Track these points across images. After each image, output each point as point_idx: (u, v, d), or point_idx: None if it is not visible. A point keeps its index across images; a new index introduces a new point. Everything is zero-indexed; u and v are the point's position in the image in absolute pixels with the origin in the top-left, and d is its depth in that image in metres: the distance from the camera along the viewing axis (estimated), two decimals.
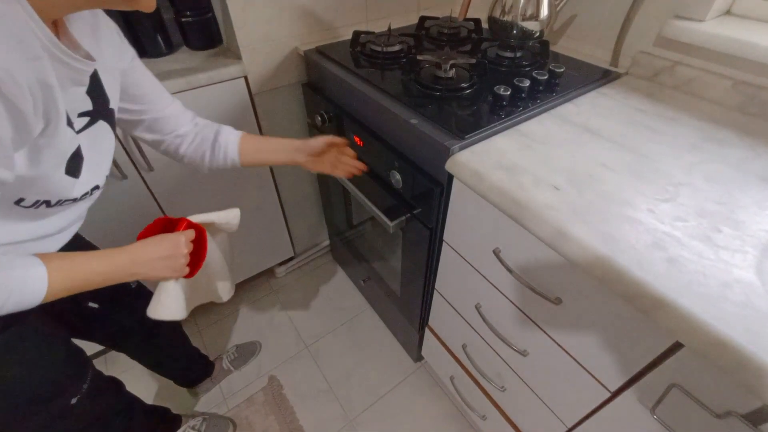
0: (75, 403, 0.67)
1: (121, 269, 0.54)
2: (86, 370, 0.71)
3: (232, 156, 0.75)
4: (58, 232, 0.59)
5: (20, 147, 0.41)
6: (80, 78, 0.48)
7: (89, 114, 0.53)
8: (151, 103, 0.67)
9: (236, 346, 1.31)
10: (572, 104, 0.79)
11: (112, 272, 0.54)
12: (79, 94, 0.50)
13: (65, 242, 0.62)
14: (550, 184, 0.59)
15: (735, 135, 0.70)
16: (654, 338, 0.48)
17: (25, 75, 0.37)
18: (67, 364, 0.67)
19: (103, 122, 0.56)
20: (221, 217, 0.70)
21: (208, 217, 0.68)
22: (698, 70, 0.79)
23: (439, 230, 0.80)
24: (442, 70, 0.82)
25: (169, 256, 0.59)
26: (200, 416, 1.11)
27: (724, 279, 0.45)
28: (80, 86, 0.50)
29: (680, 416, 0.48)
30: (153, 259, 0.58)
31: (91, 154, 0.54)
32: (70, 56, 0.44)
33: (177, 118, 0.71)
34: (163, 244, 0.59)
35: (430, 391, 1.22)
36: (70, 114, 0.48)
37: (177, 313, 0.66)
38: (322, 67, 0.96)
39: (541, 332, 0.66)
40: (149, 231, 0.63)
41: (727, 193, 0.57)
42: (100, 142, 0.56)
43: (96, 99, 0.53)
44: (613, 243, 0.49)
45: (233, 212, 0.71)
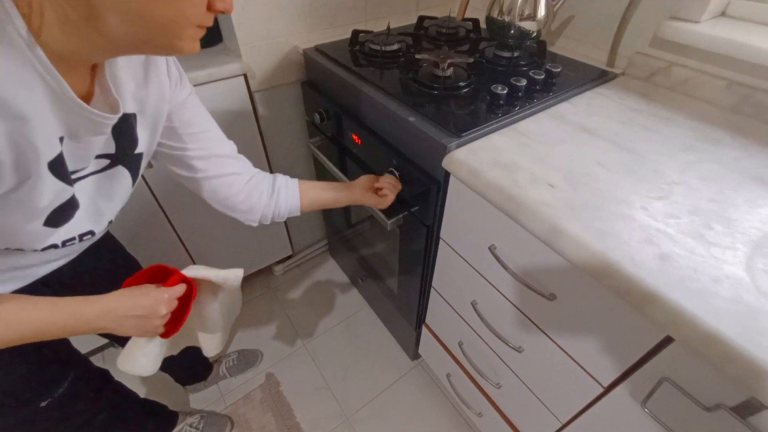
0: (45, 406, 0.63)
1: (87, 324, 0.49)
2: (62, 376, 0.65)
3: (293, 205, 0.73)
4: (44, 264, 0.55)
5: None
6: (99, 129, 0.45)
7: (109, 157, 0.50)
8: (197, 142, 0.62)
9: (238, 352, 1.28)
10: (569, 103, 0.80)
11: (75, 326, 0.48)
12: (99, 140, 0.47)
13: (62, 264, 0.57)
14: (546, 181, 0.60)
15: (729, 135, 0.71)
16: (646, 333, 0.48)
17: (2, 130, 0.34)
18: (34, 373, 0.61)
19: (122, 167, 0.52)
20: (219, 276, 0.63)
21: (205, 274, 0.62)
22: (693, 71, 0.80)
23: (436, 228, 0.81)
24: (440, 69, 0.83)
25: (144, 316, 0.53)
26: (198, 414, 1.11)
27: (714, 275, 0.46)
28: (101, 135, 0.47)
29: (670, 410, 0.49)
30: (124, 317, 0.52)
31: (95, 200, 0.50)
32: (87, 110, 0.41)
33: (227, 160, 0.66)
34: (142, 300, 0.53)
35: (426, 388, 1.23)
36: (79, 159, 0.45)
37: (147, 369, 0.62)
38: (321, 66, 0.97)
39: (536, 328, 0.66)
40: (139, 278, 0.58)
41: (719, 192, 0.58)
42: (112, 187, 0.52)
43: (121, 143, 0.50)
44: (606, 239, 0.50)
45: (234, 273, 0.65)
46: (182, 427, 1.07)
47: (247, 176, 0.70)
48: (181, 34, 0.39)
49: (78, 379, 0.68)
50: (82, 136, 0.44)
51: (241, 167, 0.70)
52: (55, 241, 0.49)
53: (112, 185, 0.53)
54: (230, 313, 0.74)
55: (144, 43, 0.40)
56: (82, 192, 0.49)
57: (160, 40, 0.39)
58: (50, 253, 0.54)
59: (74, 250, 0.59)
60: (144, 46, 0.41)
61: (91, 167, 0.48)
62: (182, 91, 0.58)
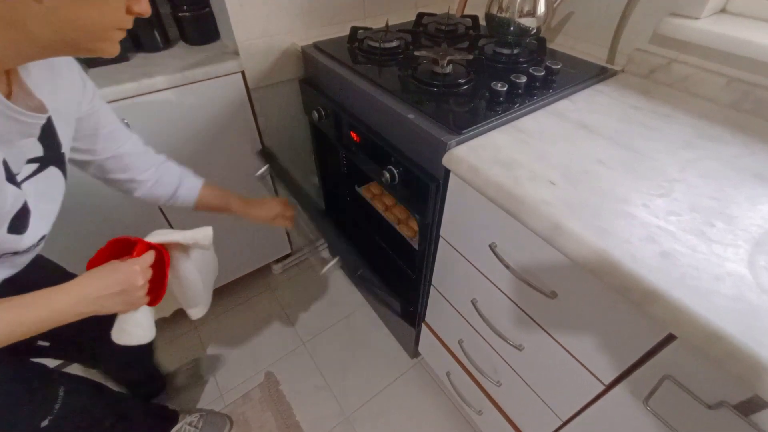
0: (47, 425, 0.61)
1: (64, 313, 0.48)
2: (53, 393, 0.64)
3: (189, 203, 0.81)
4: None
5: None
6: (30, 131, 0.47)
7: (39, 160, 0.50)
8: (105, 143, 0.64)
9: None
10: (568, 101, 0.79)
11: (53, 318, 0.48)
12: (29, 143, 0.48)
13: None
14: (546, 179, 0.59)
15: (729, 132, 0.70)
16: (647, 331, 0.48)
17: None
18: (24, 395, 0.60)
19: (53, 168, 0.53)
20: (188, 237, 0.61)
21: (171, 237, 0.60)
22: (693, 68, 0.80)
23: (435, 226, 0.80)
24: (440, 66, 0.82)
25: (122, 291, 0.53)
26: (197, 413, 1.11)
27: (716, 272, 0.45)
28: (30, 137, 0.48)
29: (673, 407, 0.49)
30: (102, 297, 0.51)
31: (40, 203, 0.51)
32: (18, 112, 0.43)
33: (134, 158, 0.70)
34: (113, 277, 0.52)
35: (426, 387, 1.23)
36: (14, 164, 0.46)
37: (144, 337, 0.60)
38: (319, 63, 0.96)
39: (536, 326, 0.66)
40: (100, 256, 0.56)
41: (720, 189, 0.58)
42: (50, 189, 0.53)
43: (48, 145, 0.51)
44: (607, 237, 0.50)
45: (203, 231, 0.63)
46: (182, 425, 1.07)
47: (156, 176, 0.74)
48: (104, 37, 0.43)
49: (70, 392, 0.67)
50: (14, 141, 0.45)
51: (149, 159, 0.73)
52: (23, 247, 0.49)
53: (49, 187, 0.53)
54: (208, 273, 0.72)
55: (68, 46, 0.42)
56: (28, 198, 0.49)
57: (84, 43, 0.42)
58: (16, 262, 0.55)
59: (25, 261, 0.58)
60: (68, 49, 0.43)
61: (24, 172, 0.49)
62: (88, 94, 0.60)
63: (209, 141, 1.05)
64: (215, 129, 1.04)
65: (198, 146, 1.04)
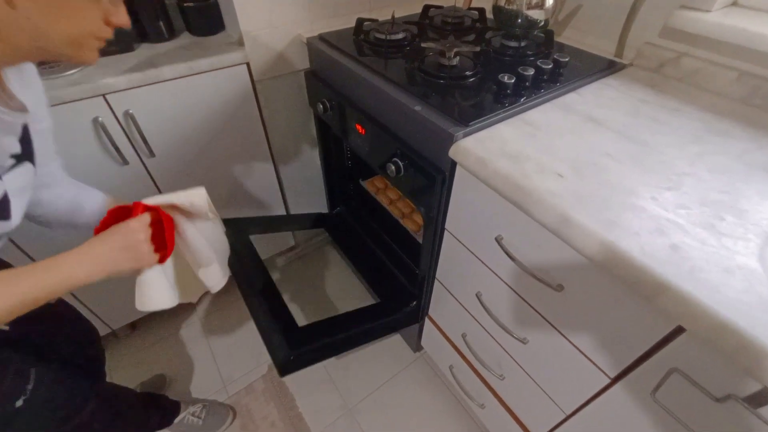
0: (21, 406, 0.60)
1: (74, 278, 0.50)
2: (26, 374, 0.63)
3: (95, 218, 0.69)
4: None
5: None
6: (14, 129, 0.49)
7: (17, 157, 0.51)
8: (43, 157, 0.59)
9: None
10: (576, 94, 0.79)
11: (62, 284, 0.49)
12: (11, 141, 0.49)
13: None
14: (554, 171, 0.59)
15: (739, 127, 0.70)
16: (655, 324, 0.48)
17: None
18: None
19: (28, 163, 0.54)
20: (182, 198, 0.62)
21: (166, 199, 0.61)
22: (703, 62, 0.79)
23: (441, 219, 0.80)
24: (446, 58, 0.82)
25: (126, 247, 0.55)
26: (200, 403, 1.12)
27: (726, 265, 0.45)
28: (13, 135, 0.49)
29: (680, 400, 0.49)
30: (108, 256, 0.53)
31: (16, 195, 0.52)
32: (4, 112, 0.46)
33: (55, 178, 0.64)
34: (115, 237, 0.55)
35: (429, 380, 1.23)
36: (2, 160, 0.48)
37: (163, 301, 0.61)
38: (325, 55, 0.95)
39: (541, 320, 0.66)
40: (103, 225, 0.58)
41: (730, 184, 0.57)
42: (25, 182, 0.54)
43: (25, 142, 0.53)
44: (616, 229, 0.49)
45: (196, 192, 0.64)
46: (184, 416, 1.07)
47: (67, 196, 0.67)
48: (82, 46, 0.45)
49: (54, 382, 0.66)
50: (2, 139, 0.47)
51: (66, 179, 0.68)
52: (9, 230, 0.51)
53: (24, 180, 0.54)
54: (216, 242, 0.73)
55: (45, 53, 0.44)
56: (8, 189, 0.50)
57: (63, 51, 0.44)
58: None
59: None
60: (44, 55, 0.45)
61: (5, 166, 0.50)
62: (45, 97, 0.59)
63: (213, 132, 1.05)
64: (220, 120, 1.04)
65: (202, 137, 1.04)
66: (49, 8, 0.41)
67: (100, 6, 0.44)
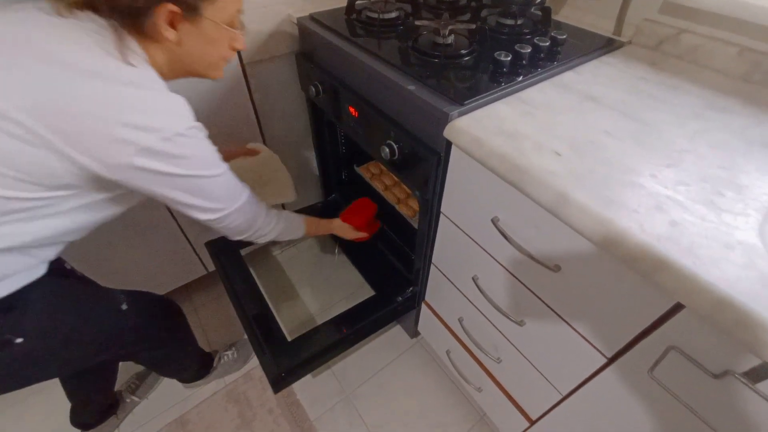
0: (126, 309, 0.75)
1: (330, 230, 1.05)
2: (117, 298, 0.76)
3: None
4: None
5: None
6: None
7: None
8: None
9: (233, 344, 1.24)
10: (574, 72, 0.77)
11: (327, 231, 1.04)
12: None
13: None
14: (552, 149, 0.58)
15: (739, 103, 0.68)
16: (653, 302, 0.47)
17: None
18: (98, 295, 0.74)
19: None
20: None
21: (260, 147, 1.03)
22: (703, 38, 0.77)
23: (436, 202, 0.79)
24: (441, 37, 0.79)
25: (345, 232, 1.07)
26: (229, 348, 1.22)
27: (726, 241, 0.44)
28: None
29: (677, 378, 0.49)
30: (342, 229, 1.06)
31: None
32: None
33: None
34: (345, 230, 1.06)
35: (426, 365, 1.23)
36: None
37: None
38: (316, 36, 0.92)
39: (538, 301, 0.65)
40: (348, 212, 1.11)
41: (730, 159, 0.56)
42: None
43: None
44: (614, 207, 0.48)
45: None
46: (221, 354, 1.18)
47: None
48: (217, 67, 0.63)
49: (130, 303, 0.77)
50: None
51: None
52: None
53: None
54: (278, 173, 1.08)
55: (191, 74, 0.61)
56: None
57: (204, 72, 0.62)
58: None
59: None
60: (190, 76, 0.62)
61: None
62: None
63: (203, 118, 1.01)
64: (209, 106, 1.01)
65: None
66: (201, 43, 0.57)
67: (229, 35, 0.59)
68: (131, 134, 0.48)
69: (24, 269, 0.57)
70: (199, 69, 0.60)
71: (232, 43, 0.60)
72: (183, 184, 0.56)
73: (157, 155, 0.50)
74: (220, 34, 0.57)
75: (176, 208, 0.60)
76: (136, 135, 0.48)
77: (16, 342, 0.58)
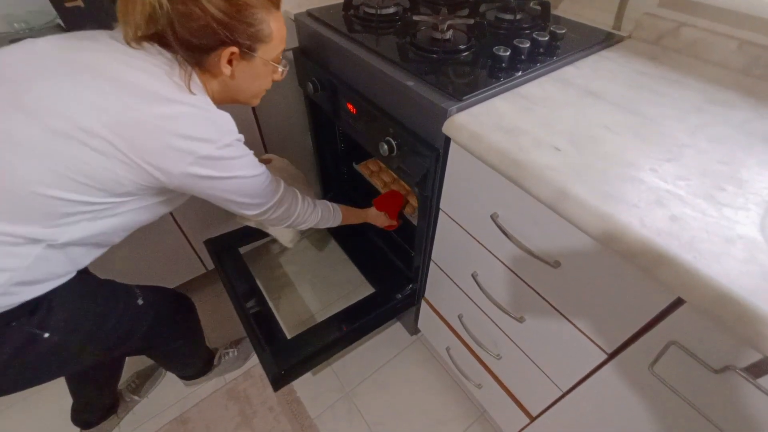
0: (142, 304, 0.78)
1: (365, 219, 1.09)
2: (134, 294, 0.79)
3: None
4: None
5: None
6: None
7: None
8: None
9: (233, 342, 1.24)
10: (573, 67, 0.76)
11: (362, 220, 1.08)
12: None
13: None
14: (551, 145, 0.57)
15: (739, 97, 0.68)
16: (654, 297, 0.47)
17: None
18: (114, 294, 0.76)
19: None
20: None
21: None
22: (703, 31, 0.77)
23: (435, 199, 0.79)
24: (440, 32, 0.79)
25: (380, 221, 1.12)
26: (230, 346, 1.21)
27: (727, 235, 0.44)
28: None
29: (678, 373, 0.48)
30: (376, 218, 1.11)
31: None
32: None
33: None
34: (378, 218, 1.12)
35: (426, 362, 1.23)
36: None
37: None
38: (313, 32, 0.92)
39: (538, 297, 0.65)
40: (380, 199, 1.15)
41: (730, 154, 0.56)
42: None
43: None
44: (614, 202, 0.48)
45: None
46: (222, 351, 1.18)
47: None
48: (258, 96, 0.73)
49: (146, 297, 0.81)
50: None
51: None
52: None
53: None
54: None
55: (238, 101, 0.70)
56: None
57: (247, 101, 0.72)
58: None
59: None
60: (236, 102, 0.70)
61: None
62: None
63: None
64: None
65: None
66: (251, 77, 0.65)
67: (272, 70, 0.67)
68: (191, 145, 0.55)
69: (61, 275, 0.60)
70: (243, 98, 0.69)
71: (274, 76, 0.70)
72: (231, 185, 0.63)
73: (211, 163, 0.58)
74: (266, 70, 0.66)
75: (227, 207, 0.69)
76: (195, 146, 0.55)
77: (44, 337, 0.60)
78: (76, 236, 0.57)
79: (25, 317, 0.58)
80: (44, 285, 0.58)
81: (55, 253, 0.56)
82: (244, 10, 0.56)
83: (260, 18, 0.58)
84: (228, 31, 0.56)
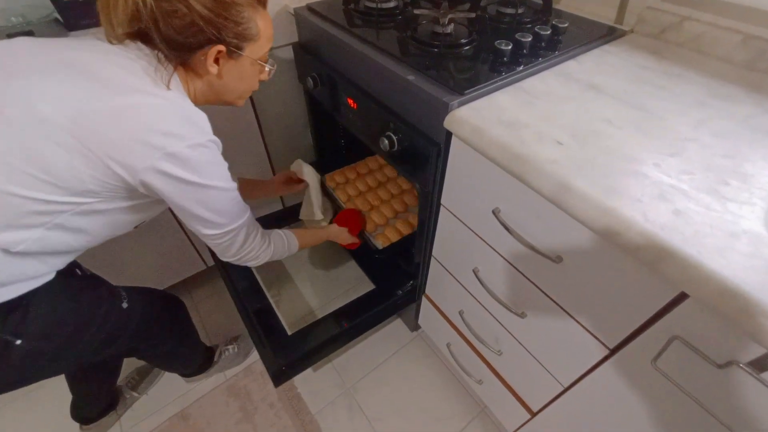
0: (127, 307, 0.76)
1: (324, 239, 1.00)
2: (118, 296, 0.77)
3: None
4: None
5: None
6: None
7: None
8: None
9: (234, 339, 1.24)
10: (575, 61, 0.76)
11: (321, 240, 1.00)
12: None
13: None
14: (553, 139, 0.57)
15: (743, 91, 0.68)
16: (657, 292, 0.47)
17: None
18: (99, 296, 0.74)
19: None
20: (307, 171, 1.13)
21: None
22: (707, 25, 0.76)
23: (436, 194, 0.78)
24: (441, 26, 0.78)
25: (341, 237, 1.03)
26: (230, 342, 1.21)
27: (731, 230, 0.44)
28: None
29: (681, 368, 0.48)
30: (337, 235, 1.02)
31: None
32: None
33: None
34: (340, 234, 1.03)
35: (426, 358, 1.23)
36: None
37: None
38: (313, 26, 0.91)
39: (540, 293, 0.65)
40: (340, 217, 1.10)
41: (734, 148, 0.55)
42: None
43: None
44: (617, 196, 0.48)
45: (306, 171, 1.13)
46: (222, 348, 1.18)
47: None
48: (244, 97, 0.70)
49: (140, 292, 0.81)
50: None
51: None
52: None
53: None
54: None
55: (223, 102, 0.68)
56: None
57: (232, 101, 0.69)
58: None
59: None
60: (221, 103, 0.68)
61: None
62: None
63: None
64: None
65: None
66: (237, 77, 0.63)
67: (259, 69, 0.66)
68: (159, 139, 0.51)
69: (34, 276, 0.58)
70: (229, 98, 0.67)
71: (261, 75, 0.68)
72: (197, 193, 0.58)
73: (179, 161, 0.53)
74: (254, 69, 0.64)
75: (186, 221, 0.63)
76: (164, 140, 0.51)
77: (16, 344, 0.58)
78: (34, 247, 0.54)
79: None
80: (16, 287, 0.56)
81: (19, 256, 0.53)
82: (231, 8, 0.55)
83: (247, 16, 0.57)
84: (214, 29, 0.54)
